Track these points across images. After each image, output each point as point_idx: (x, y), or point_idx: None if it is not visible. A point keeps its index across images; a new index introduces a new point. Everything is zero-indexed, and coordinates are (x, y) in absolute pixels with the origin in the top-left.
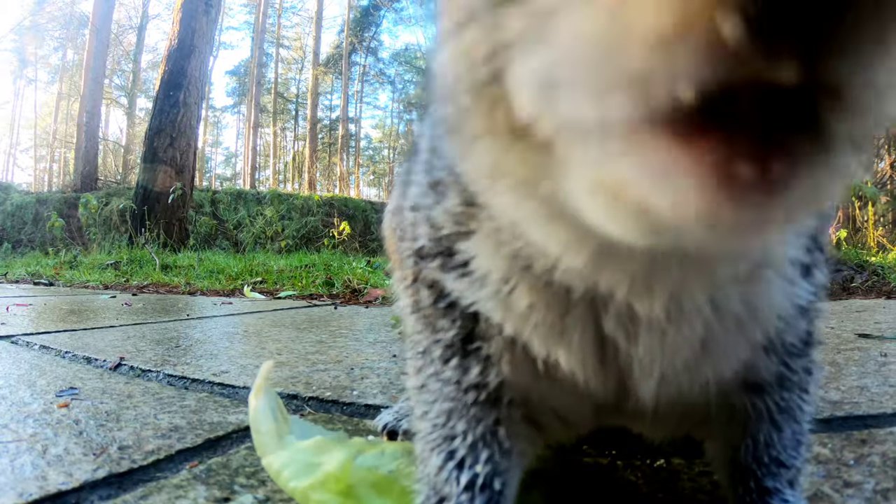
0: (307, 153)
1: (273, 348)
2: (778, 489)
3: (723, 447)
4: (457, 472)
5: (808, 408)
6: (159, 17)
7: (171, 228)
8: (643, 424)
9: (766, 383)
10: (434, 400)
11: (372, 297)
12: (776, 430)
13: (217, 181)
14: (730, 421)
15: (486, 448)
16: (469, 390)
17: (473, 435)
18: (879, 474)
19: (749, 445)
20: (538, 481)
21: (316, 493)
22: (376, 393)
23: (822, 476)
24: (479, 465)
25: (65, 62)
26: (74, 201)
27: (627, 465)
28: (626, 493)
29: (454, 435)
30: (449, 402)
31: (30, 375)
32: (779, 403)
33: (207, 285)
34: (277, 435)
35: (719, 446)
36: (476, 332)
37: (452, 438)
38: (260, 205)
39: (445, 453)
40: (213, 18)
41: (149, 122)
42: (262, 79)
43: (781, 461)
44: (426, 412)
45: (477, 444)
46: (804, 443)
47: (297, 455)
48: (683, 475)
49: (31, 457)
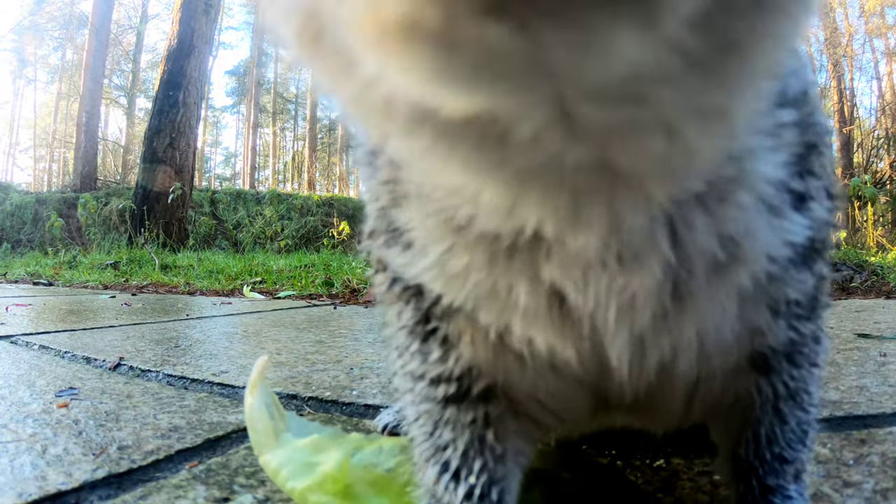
0: (306, 153)
1: (272, 348)
2: (781, 486)
3: (725, 441)
4: (453, 484)
5: (815, 390)
6: (158, 17)
7: (170, 228)
8: (642, 414)
9: (774, 356)
10: (413, 402)
11: (371, 297)
12: (780, 422)
13: (216, 181)
14: (732, 410)
15: (478, 457)
16: (435, 383)
17: (463, 443)
18: (879, 474)
19: (751, 441)
20: (539, 480)
21: (314, 495)
22: (375, 393)
23: (822, 476)
24: (472, 477)
25: (64, 62)
26: (74, 201)
27: (627, 464)
28: (625, 493)
29: (444, 445)
30: (427, 403)
31: (29, 375)
32: (787, 384)
33: (207, 285)
34: (274, 433)
35: (721, 440)
36: (431, 312)
37: (444, 449)
38: (259, 205)
39: (440, 465)
40: (212, 18)
41: (148, 122)
42: (261, 79)
43: (785, 457)
44: (416, 418)
45: (468, 453)
46: (810, 432)
47: (295, 454)
48: (683, 475)
49: (30, 457)
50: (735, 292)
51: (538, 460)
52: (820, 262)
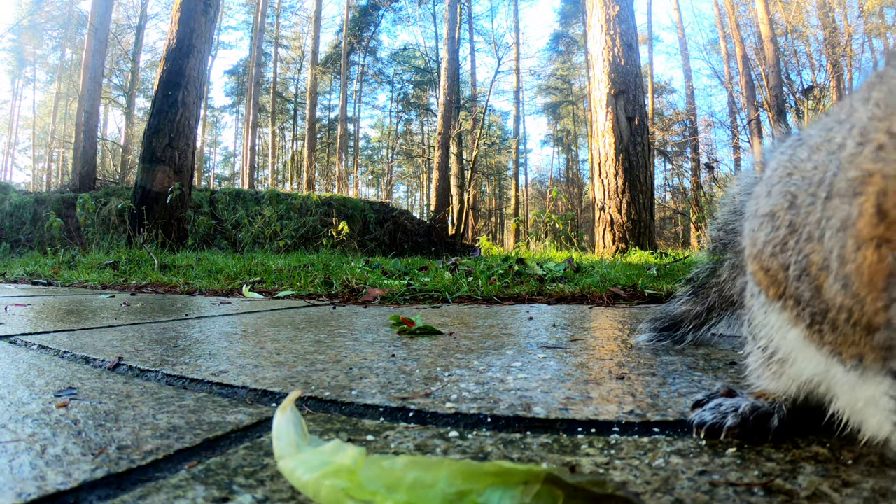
0: (305, 153)
1: (272, 348)
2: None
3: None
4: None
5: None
6: (158, 17)
7: (169, 228)
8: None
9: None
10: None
11: (370, 296)
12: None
13: (215, 181)
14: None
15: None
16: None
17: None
18: (878, 474)
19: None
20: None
21: (328, 480)
22: (375, 393)
23: (822, 476)
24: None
25: (63, 62)
26: (73, 201)
27: (626, 464)
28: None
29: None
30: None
31: (28, 375)
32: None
33: (206, 285)
34: (296, 445)
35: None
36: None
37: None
38: (258, 204)
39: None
40: (211, 18)
41: (147, 121)
42: (260, 78)
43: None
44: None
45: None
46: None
47: (313, 457)
48: (683, 475)
49: (29, 457)
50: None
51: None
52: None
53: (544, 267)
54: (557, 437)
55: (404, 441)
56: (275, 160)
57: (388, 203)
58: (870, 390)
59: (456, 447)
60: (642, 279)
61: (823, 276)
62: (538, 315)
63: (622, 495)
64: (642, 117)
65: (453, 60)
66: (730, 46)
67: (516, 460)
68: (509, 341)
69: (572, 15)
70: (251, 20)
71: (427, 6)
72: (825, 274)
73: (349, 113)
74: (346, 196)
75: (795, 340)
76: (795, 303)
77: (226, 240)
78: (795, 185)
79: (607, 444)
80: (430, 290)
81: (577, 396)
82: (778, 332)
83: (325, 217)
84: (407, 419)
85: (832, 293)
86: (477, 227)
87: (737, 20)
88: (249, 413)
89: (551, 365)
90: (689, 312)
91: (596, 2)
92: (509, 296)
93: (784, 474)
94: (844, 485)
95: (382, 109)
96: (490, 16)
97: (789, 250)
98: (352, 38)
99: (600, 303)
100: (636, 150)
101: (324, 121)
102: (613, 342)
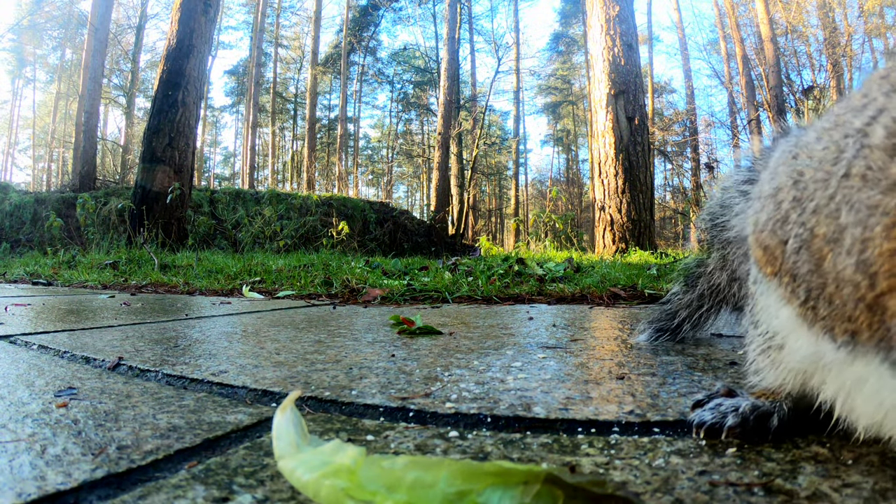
0: (305, 153)
1: (272, 348)
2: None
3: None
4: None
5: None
6: (158, 17)
7: (169, 228)
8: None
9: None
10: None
11: (370, 296)
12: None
13: (215, 181)
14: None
15: None
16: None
17: None
18: (878, 474)
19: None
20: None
21: (328, 480)
22: (375, 392)
23: (822, 476)
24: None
25: (63, 62)
26: (73, 201)
27: (626, 464)
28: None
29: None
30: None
31: (28, 375)
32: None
33: (206, 285)
34: (296, 445)
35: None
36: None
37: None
38: (258, 204)
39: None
40: (211, 18)
41: (147, 121)
42: (260, 78)
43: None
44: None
45: None
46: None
47: (313, 457)
48: (683, 475)
49: (29, 457)
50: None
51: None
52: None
53: (544, 267)
54: (557, 437)
55: (404, 441)
56: (275, 160)
57: (388, 203)
58: (858, 369)
59: (456, 447)
60: (642, 279)
61: (827, 250)
62: (538, 315)
63: (622, 495)
64: (642, 117)
65: (453, 60)
66: (730, 46)
67: (516, 460)
68: (509, 341)
69: (572, 15)
70: (251, 20)
71: (427, 6)
72: (830, 247)
73: (349, 113)
74: (346, 196)
75: (788, 320)
76: (791, 278)
77: (226, 240)
78: (802, 165)
79: (607, 444)
80: (429, 290)
81: (577, 396)
82: (773, 312)
83: (325, 217)
84: (407, 419)
85: (839, 266)
86: (477, 227)
87: (737, 20)
88: (249, 413)
89: (551, 365)
90: (681, 301)
91: (596, 2)
92: (509, 296)
93: (784, 474)
94: (844, 485)
95: (382, 109)
96: (490, 16)
97: (790, 223)
98: (352, 38)
99: (600, 303)
100: (636, 150)
101: (324, 121)
102: (613, 342)
